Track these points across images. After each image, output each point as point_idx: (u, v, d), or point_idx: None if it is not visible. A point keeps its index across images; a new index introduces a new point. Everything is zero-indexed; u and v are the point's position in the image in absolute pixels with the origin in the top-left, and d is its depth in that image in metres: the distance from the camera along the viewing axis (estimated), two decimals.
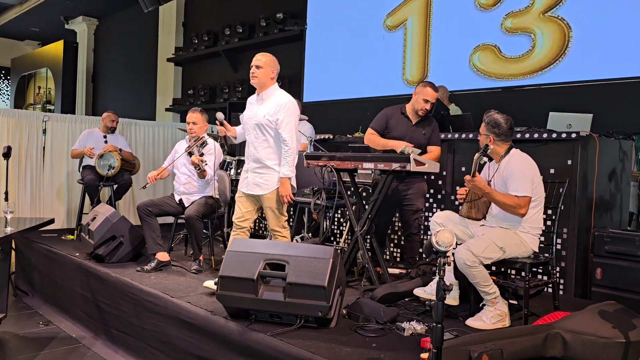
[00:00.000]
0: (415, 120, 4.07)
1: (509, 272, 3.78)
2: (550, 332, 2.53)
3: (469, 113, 4.80)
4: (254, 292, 2.82)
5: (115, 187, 5.74)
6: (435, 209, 4.54)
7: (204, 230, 4.44)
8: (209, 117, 4.49)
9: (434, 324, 2.04)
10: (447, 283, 2.05)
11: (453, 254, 2.93)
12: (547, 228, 3.50)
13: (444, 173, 4.46)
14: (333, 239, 5.26)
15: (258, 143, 3.58)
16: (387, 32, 6.28)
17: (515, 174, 3.03)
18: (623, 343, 2.46)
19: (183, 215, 4.31)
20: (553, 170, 3.84)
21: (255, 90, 3.66)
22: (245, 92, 8.03)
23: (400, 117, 4.09)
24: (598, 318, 2.61)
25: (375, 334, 2.79)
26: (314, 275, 2.75)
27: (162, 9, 9.51)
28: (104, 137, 5.84)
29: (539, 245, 3.14)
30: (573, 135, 3.77)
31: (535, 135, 3.93)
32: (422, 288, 3.28)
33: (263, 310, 2.86)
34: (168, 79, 9.71)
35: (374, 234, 3.92)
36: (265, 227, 5.61)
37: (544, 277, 3.81)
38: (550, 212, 3.61)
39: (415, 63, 5.99)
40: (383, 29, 6.31)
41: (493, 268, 3.22)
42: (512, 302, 3.24)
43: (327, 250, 2.87)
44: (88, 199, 5.62)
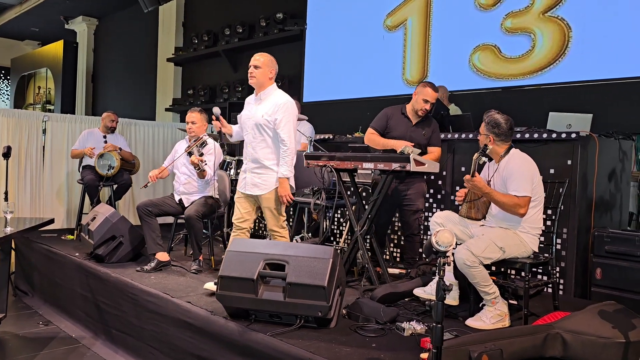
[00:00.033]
0: (415, 121, 4.07)
1: (509, 272, 3.77)
2: (550, 332, 2.53)
3: (469, 113, 4.80)
4: (254, 292, 2.82)
5: (115, 187, 5.74)
6: (435, 209, 4.54)
7: (204, 230, 4.44)
8: (209, 117, 4.49)
9: (434, 324, 2.04)
10: (446, 283, 2.05)
11: (453, 254, 2.93)
12: (547, 228, 3.50)
13: (444, 173, 4.46)
14: (333, 239, 5.26)
15: (256, 143, 3.57)
16: (387, 32, 6.28)
17: (515, 174, 3.03)
18: (623, 343, 2.46)
19: (183, 215, 4.31)
20: (553, 170, 3.84)
21: (254, 91, 3.66)
22: (245, 92, 8.02)
23: (400, 117, 4.09)
24: (598, 318, 2.61)
25: (375, 334, 2.79)
26: (314, 275, 2.75)
27: (162, 9, 9.51)
28: (104, 137, 5.84)
29: (539, 246, 3.14)
30: (573, 136, 3.78)
31: (535, 136, 3.93)
32: (422, 288, 3.28)
33: (263, 310, 2.86)
34: (168, 79, 9.71)
35: (374, 234, 3.92)
36: (265, 227, 5.60)
37: (544, 277, 3.81)
38: (550, 212, 3.61)
39: (415, 63, 5.99)
40: (383, 29, 6.31)
41: (493, 268, 3.22)
42: (512, 302, 3.24)
43: (327, 250, 2.87)
44: (88, 199, 5.62)
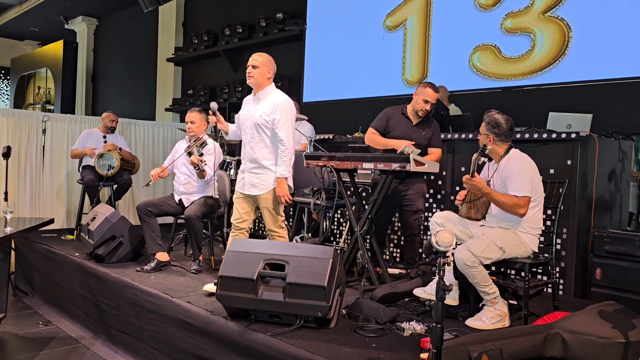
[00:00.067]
0: (416, 121, 4.06)
1: (509, 272, 3.77)
2: (550, 332, 2.53)
3: (469, 113, 4.80)
4: (254, 292, 2.82)
5: (115, 187, 5.74)
6: (435, 209, 4.54)
7: (204, 230, 4.44)
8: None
9: (434, 324, 2.04)
10: (446, 283, 2.05)
11: (453, 254, 2.93)
12: (546, 228, 3.50)
13: (444, 173, 4.46)
14: (333, 239, 5.26)
15: (254, 143, 3.56)
16: (387, 32, 6.28)
17: (515, 174, 3.03)
18: (622, 343, 2.46)
19: (183, 215, 4.31)
20: (553, 171, 3.84)
21: (252, 91, 3.65)
22: (245, 92, 8.02)
23: (401, 117, 4.08)
24: (598, 318, 2.61)
25: (375, 334, 2.79)
26: (314, 276, 2.75)
27: (161, 9, 9.51)
28: (104, 137, 5.84)
29: (539, 246, 3.14)
30: (573, 136, 3.78)
31: (535, 136, 3.93)
32: (421, 288, 3.28)
33: (263, 310, 2.86)
34: (168, 79, 9.71)
35: (374, 234, 3.92)
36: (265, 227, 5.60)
37: (544, 277, 3.81)
38: (550, 212, 3.61)
39: (415, 63, 5.99)
40: (383, 29, 6.31)
41: (493, 268, 3.22)
42: (511, 302, 3.24)
43: (326, 251, 2.87)
44: (88, 199, 5.62)
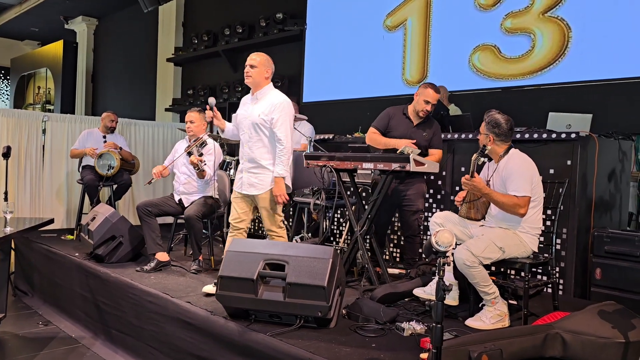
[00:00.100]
0: (417, 122, 4.06)
1: (509, 272, 3.77)
2: (550, 332, 2.53)
3: (469, 113, 4.79)
4: (254, 292, 2.82)
5: (115, 187, 5.74)
6: (435, 209, 4.54)
7: (204, 230, 4.44)
8: None
9: (434, 324, 2.04)
10: (446, 283, 2.05)
11: (452, 254, 2.93)
12: (546, 228, 3.50)
13: (444, 173, 4.46)
14: (333, 239, 5.26)
15: (252, 143, 3.54)
16: (386, 32, 6.28)
17: (515, 174, 3.03)
18: (622, 343, 2.46)
19: (183, 215, 4.31)
20: (553, 171, 3.84)
21: (250, 90, 3.64)
22: (245, 92, 7.93)
23: (402, 117, 4.08)
24: (597, 318, 2.61)
25: (375, 334, 2.79)
26: (314, 276, 2.75)
27: (161, 9, 9.51)
28: (104, 137, 5.84)
29: (539, 246, 3.14)
30: (573, 136, 3.78)
31: (535, 136, 3.93)
32: (421, 288, 3.28)
33: (263, 311, 2.86)
34: (168, 79, 9.70)
35: (374, 234, 3.92)
36: None
37: (544, 277, 3.81)
38: (550, 212, 3.61)
39: (415, 63, 5.99)
40: (383, 29, 6.31)
41: (492, 268, 3.22)
42: (511, 302, 3.24)
43: (326, 251, 2.87)
44: (87, 199, 5.62)
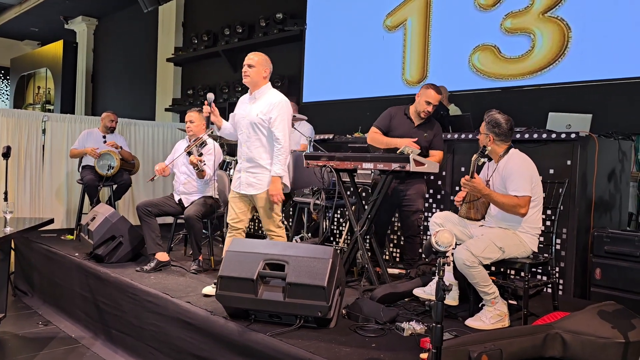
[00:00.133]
0: (418, 122, 4.06)
1: (509, 272, 3.78)
2: (550, 332, 2.53)
3: (469, 113, 4.79)
4: (254, 292, 2.82)
5: (115, 187, 5.74)
6: (435, 210, 4.54)
7: (204, 231, 4.44)
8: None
9: (434, 324, 2.04)
10: (446, 283, 2.05)
11: (452, 254, 2.93)
12: (546, 228, 3.50)
13: (444, 173, 4.46)
14: (332, 239, 5.26)
15: (251, 142, 3.53)
16: (386, 32, 6.28)
17: (514, 174, 3.03)
18: (622, 343, 2.46)
19: (182, 216, 4.31)
20: (552, 171, 3.85)
21: (248, 90, 3.63)
22: (245, 92, 7.99)
23: (403, 117, 4.08)
24: (597, 318, 2.61)
25: (375, 334, 2.79)
26: (314, 276, 2.75)
27: (161, 9, 9.50)
28: (103, 137, 5.84)
29: (539, 246, 3.14)
30: (572, 136, 3.78)
31: (535, 136, 3.93)
32: (421, 288, 3.28)
33: (262, 311, 2.86)
34: (167, 79, 9.70)
35: (374, 234, 3.92)
36: None
37: (544, 277, 3.81)
38: (550, 212, 3.61)
39: (415, 63, 5.99)
40: (383, 29, 6.31)
41: (492, 268, 3.22)
42: (511, 302, 3.24)
43: (326, 251, 2.87)
44: (87, 199, 5.62)
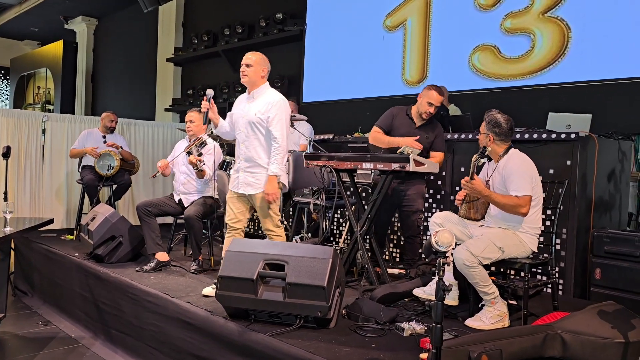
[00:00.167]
0: (419, 123, 4.05)
1: (508, 272, 3.78)
2: (550, 332, 2.53)
3: (469, 113, 4.79)
4: (254, 292, 2.82)
5: (115, 187, 5.74)
6: (435, 210, 4.54)
7: (204, 231, 4.44)
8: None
9: (434, 324, 2.04)
10: (446, 283, 2.05)
11: (452, 254, 2.93)
12: (546, 228, 3.50)
13: (444, 173, 4.46)
14: (332, 239, 5.26)
15: (249, 142, 3.52)
16: (386, 32, 6.28)
17: (514, 174, 3.04)
18: (622, 343, 2.46)
19: (182, 216, 4.31)
20: (552, 171, 3.85)
21: (246, 89, 3.62)
22: (244, 92, 7.99)
23: (405, 117, 4.08)
24: (597, 318, 2.61)
25: (375, 334, 2.79)
26: (314, 276, 2.75)
27: (161, 9, 9.50)
28: (103, 137, 5.84)
29: (538, 246, 3.14)
30: (572, 136, 3.78)
31: (535, 136, 3.93)
32: (421, 288, 3.28)
33: (262, 311, 2.86)
34: (167, 79, 9.70)
35: (374, 234, 3.92)
36: None
37: (543, 277, 3.81)
38: (550, 212, 3.61)
39: (415, 63, 5.99)
40: (383, 29, 6.31)
41: (492, 268, 3.22)
42: (511, 302, 3.24)
43: (326, 251, 2.87)
44: (87, 199, 5.62)
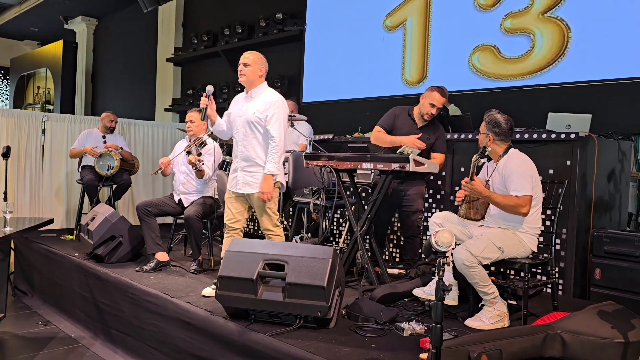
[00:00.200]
0: (421, 124, 4.05)
1: (508, 272, 3.77)
2: (549, 332, 2.53)
3: (469, 113, 4.79)
4: (253, 292, 2.82)
5: (115, 187, 5.74)
6: (435, 210, 4.54)
7: (203, 231, 4.44)
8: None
9: (433, 324, 2.04)
10: (446, 283, 2.05)
11: (452, 254, 2.93)
12: (546, 228, 3.50)
13: (443, 173, 4.46)
14: (332, 239, 5.26)
15: (248, 141, 3.52)
16: (386, 32, 6.28)
17: (515, 174, 3.04)
18: (622, 343, 2.46)
19: (182, 216, 4.31)
20: (552, 171, 3.85)
21: (244, 89, 3.62)
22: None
23: (407, 118, 4.07)
24: (597, 318, 2.62)
25: (375, 334, 2.79)
26: (314, 276, 2.75)
27: (161, 9, 9.50)
28: (103, 137, 5.84)
29: (538, 246, 3.14)
30: (572, 136, 3.78)
31: (535, 136, 3.93)
32: (421, 288, 3.28)
33: (262, 311, 2.86)
34: (167, 79, 9.70)
35: (373, 235, 3.92)
36: None
37: (543, 277, 3.82)
38: (550, 212, 3.61)
39: (415, 63, 5.99)
40: (382, 29, 6.31)
41: (492, 268, 3.22)
42: (511, 302, 3.24)
43: (326, 251, 2.87)
44: (87, 199, 5.62)
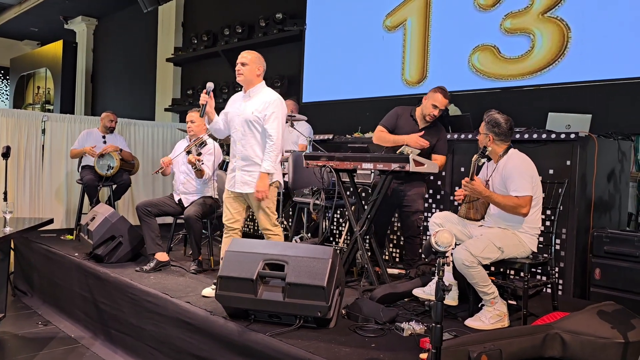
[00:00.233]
0: (422, 125, 4.04)
1: (508, 272, 3.77)
2: (549, 332, 2.53)
3: (468, 113, 4.79)
4: (253, 292, 2.82)
5: (114, 187, 5.74)
6: (435, 210, 4.54)
7: (203, 231, 4.44)
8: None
9: (433, 324, 2.04)
10: (446, 283, 2.05)
11: (452, 254, 2.93)
12: (546, 228, 3.50)
13: (443, 173, 4.46)
14: (332, 239, 5.26)
15: (246, 140, 3.52)
16: (386, 32, 6.28)
17: (515, 174, 3.04)
18: (622, 343, 2.46)
19: (182, 216, 4.31)
20: (552, 171, 3.85)
21: (242, 88, 3.62)
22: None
23: (409, 118, 4.07)
24: (597, 318, 2.62)
25: (375, 334, 2.79)
26: (313, 276, 2.76)
27: (161, 9, 9.50)
28: (103, 137, 5.84)
29: (538, 246, 3.14)
30: (572, 136, 3.78)
31: (535, 136, 3.93)
32: (421, 288, 3.29)
33: (262, 311, 2.86)
34: (167, 79, 9.70)
35: (373, 235, 3.92)
36: None
37: (543, 277, 3.82)
38: (549, 212, 3.61)
39: (415, 63, 5.99)
40: (382, 30, 6.31)
41: (492, 268, 3.22)
42: (511, 302, 3.24)
43: (326, 251, 2.87)
44: (87, 199, 5.62)
